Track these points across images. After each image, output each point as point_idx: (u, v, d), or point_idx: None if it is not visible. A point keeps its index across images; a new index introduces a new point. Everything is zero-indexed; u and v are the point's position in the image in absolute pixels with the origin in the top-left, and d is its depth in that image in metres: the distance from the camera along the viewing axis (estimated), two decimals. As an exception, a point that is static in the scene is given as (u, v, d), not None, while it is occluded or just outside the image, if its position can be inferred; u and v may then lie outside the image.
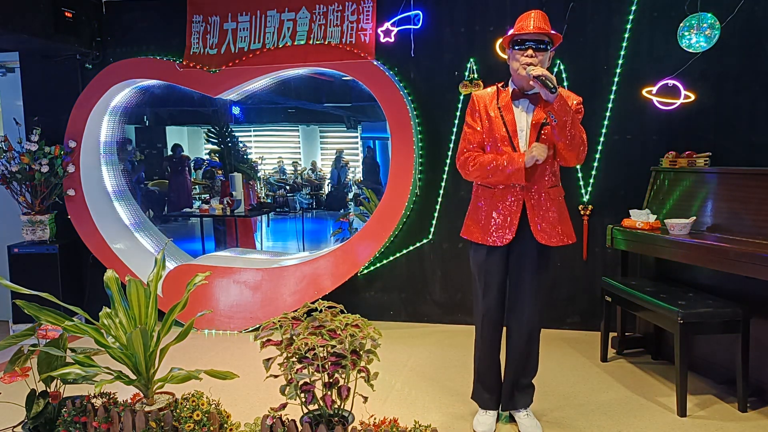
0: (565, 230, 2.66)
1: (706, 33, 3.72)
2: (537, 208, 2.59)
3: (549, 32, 2.48)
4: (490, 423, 2.78)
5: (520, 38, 2.49)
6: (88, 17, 4.72)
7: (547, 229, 2.60)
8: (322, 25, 4.43)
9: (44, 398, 2.36)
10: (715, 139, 3.86)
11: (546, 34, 2.49)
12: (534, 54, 2.46)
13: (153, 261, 2.66)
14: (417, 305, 4.57)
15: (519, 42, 2.49)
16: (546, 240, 2.60)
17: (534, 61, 2.45)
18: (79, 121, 4.71)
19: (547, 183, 2.61)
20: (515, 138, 2.57)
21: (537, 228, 2.59)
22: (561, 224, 2.64)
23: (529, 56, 2.46)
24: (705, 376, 3.35)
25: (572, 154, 2.51)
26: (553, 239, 2.61)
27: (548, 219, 2.60)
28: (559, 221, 2.63)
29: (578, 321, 4.28)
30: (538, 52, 2.46)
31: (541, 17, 2.50)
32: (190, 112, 6.13)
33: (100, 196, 4.95)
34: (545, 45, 2.48)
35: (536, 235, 2.59)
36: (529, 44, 2.46)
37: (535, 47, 2.46)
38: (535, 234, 2.59)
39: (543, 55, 2.48)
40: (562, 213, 2.67)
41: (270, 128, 6.98)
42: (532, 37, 2.47)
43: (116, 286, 2.52)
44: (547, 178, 2.61)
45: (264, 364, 2.16)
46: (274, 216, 6.93)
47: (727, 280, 3.14)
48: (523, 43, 2.48)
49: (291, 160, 7.09)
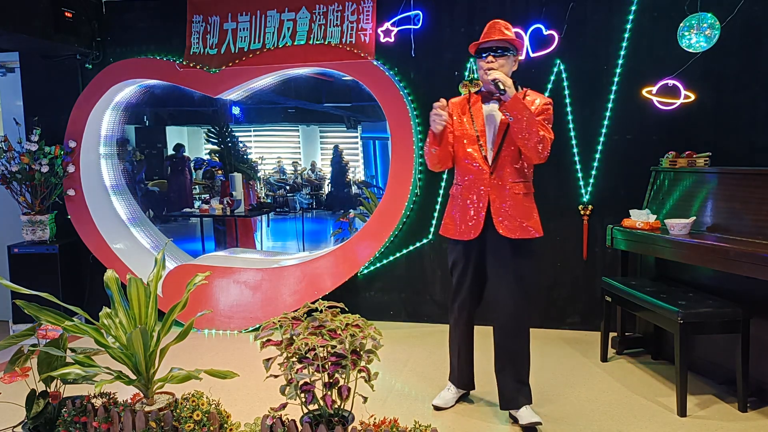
0: (530, 224, 2.76)
1: (706, 33, 3.72)
2: (499, 201, 2.74)
3: (506, 39, 2.72)
4: (448, 398, 3.05)
5: (480, 47, 2.77)
6: (88, 17, 4.72)
7: (507, 222, 2.72)
8: (322, 25, 4.43)
9: (44, 398, 2.36)
10: (715, 139, 3.86)
11: (504, 41, 2.72)
12: (493, 60, 2.71)
13: (153, 261, 2.66)
14: (417, 305, 4.57)
15: (478, 51, 2.78)
16: (508, 232, 2.72)
17: (494, 66, 2.70)
18: (79, 121, 4.71)
19: (510, 178, 2.74)
20: (483, 137, 2.78)
21: (498, 220, 2.73)
22: (524, 218, 2.74)
23: (488, 62, 2.71)
24: (705, 376, 3.35)
25: (530, 151, 2.64)
26: (516, 232, 2.72)
27: (508, 212, 2.73)
28: (522, 215, 2.73)
29: (578, 321, 4.28)
30: (498, 58, 2.71)
31: (498, 27, 2.75)
32: (190, 112, 6.14)
33: (100, 196, 4.95)
34: (503, 51, 2.72)
35: (498, 228, 2.72)
36: (488, 52, 2.72)
37: (493, 54, 2.71)
38: (497, 226, 2.72)
39: (503, 60, 2.72)
40: (526, 207, 2.76)
41: (270, 128, 6.98)
42: (490, 45, 2.73)
43: (116, 285, 2.51)
44: (509, 173, 2.74)
45: (264, 364, 2.16)
46: (274, 216, 6.94)
47: (727, 280, 3.14)
48: (481, 52, 2.75)
49: (291, 160, 7.10)
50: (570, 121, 4.14)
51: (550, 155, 2.71)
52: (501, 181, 2.73)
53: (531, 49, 4.13)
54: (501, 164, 2.74)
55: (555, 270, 4.28)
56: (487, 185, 2.74)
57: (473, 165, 2.77)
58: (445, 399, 3.05)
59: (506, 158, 2.73)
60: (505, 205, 2.72)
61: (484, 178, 2.75)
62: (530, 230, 2.75)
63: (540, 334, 4.23)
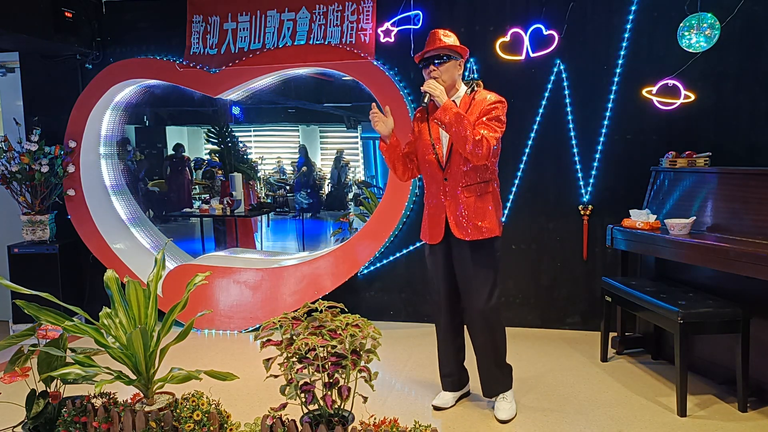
0: (486, 224, 2.79)
1: (706, 33, 3.72)
2: (452, 205, 2.81)
3: (446, 46, 2.73)
4: (447, 398, 3.06)
5: (421, 58, 2.81)
6: (88, 17, 4.73)
7: (461, 224, 2.78)
8: (322, 25, 4.43)
9: (44, 398, 2.36)
10: (715, 139, 3.86)
11: (443, 48, 2.74)
12: (435, 68, 2.74)
13: (153, 261, 2.66)
14: (417, 305, 4.57)
15: (421, 62, 2.82)
16: (461, 234, 2.79)
17: (436, 74, 2.74)
18: (79, 121, 4.71)
19: (462, 182, 2.79)
20: (438, 144, 2.84)
21: (453, 224, 2.80)
22: (478, 219, 2.79)
23: (429, 72, 2.76)
24: (705, 376, 3.35)
25: (468, 154, 2.68)
26: (469, 234, 2.78)
27: (463, 215, 2.78)
28: (475, 216, 2.78)
29: (578, 321, 4.28)
30: (440, 65, 2.74)
31: (437, 36, 2.76)
32: (190, 112, 6.13)
33: (99, 196, 4.95)
34: (445, 58, 2.74)
35: (453, 231, 2.80)
36: (430, 62, 2.75)
37: (434, 63, 2.74)
38: (453, 230, 2.80)
39: (445, 67, 2.75)
40: (479, 208, 2.79)
41: (270, 128, 6.98)
42: (430, 54, 2.76)
43: (116, 286, 2.51)
44: (461, 177, 2.79)
45: (264, 364, 2.16)
46: (274, 216, 6.94)
47: (727, 280, 3.14)
48: (424, 62, 2.79)
49: (291, 160, 7.09)
50: (570, 121, 4.14)
51: (551, 155, 2.71)
52: (454, 185, 2.80)
53: (531, 49, 4.13)
54: (452, 170, 2.80)
55: (555, 270, 4.28)
56: (443, 191, 2.83)
57: (431, 172, 2.88)
58: (444, 399, 3.06)
59: (456, 164, 2.78)
60: (460, 208, 2.79)
61: (440, 183, 2.84)
62: (484, 231, 2.78)
63: (540, 334, 4.23)
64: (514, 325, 4.34)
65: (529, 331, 4.29)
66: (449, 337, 3.04)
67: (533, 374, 3.48)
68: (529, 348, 3.94)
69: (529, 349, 3.91)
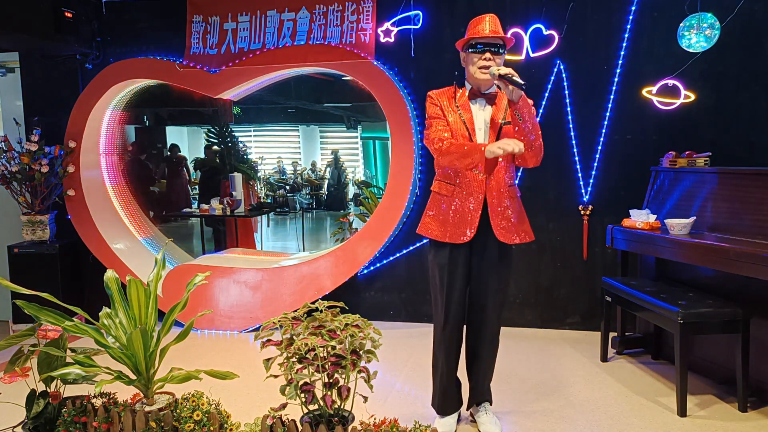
0: (525, 228, 2.71)
1: (706, 33, 3.72)
2: (498, 205, 2.60)
3: (503, 36, 2.55)
4: (451, 423, 2.81)
5: (476, 42, 2.55)
6: (88, 17, 4.72)
7: (508, 227, 2.61)
8: (322, 25, 4.43)
9: (44, 398, 2.35)
10: (715, 139, 3.86)
11: (501, 38, 2.55)
12: (491, 57, 2.52)
13: (153, 261, 2.66)
14: (417, 305, 4.57)
15: (474, 45, 2.55)
16: (507, 238, 2.61)
17: (491, 64, 2.51)
18: (79, 121, 4.71)
19: (507, 181, 2.64)
20: (474, 136, 2.60)
21: (498, 226, 2.60)
22: (521, 222, 2.68)
23: (486, 59, 2.52)
24: (705, 376, 3.35)
25: (534, 152, 2.54)
26: (515, 237, 2.63)
27: (508, 217, 2.62)
28: (519, 219, 2.67)
29: (578, 321, 4.28)
30: (495, 56, 2.53)
31: (495, 21, 2.57)
32: (190, 112, 6.14)
33: (100, 196, 4.94)
34: (498, 48, 2.54)
35: (497, 233, 2.59)
36: (486, 48, 2.53)
37: (491, 51, 2.52)
38: (496, 232, 2.59)
39: (499, 59, 2.55)
40: (521, 212, 2.72)
41: (270, 128, 6.99)
42: (488, 41, 2.53)
43: (116, 286, 2.51)
44: (507, 177, 2.64)
45: (264, 364, 2.16)
46: (274, 216, 6.94)
47: (727, 280, 3.14)
48: (477, 46, 2.54)
49: (291, 160, 7.09)
50: (570, 121, 4.14)
51: (551, 155, 2.70)
52: (497, 182, 2.59)
53: (531, 49, 4.13)
54: (499, 164, 2.59)
55: (555, 270, 4.28)
56: (483, 187, 2.58)
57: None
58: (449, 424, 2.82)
59: (502, 159, 2.58)
60: (504, 208, 2.60)
61: (478, 179, 2.58)
62: (525, 236, 2.67)
63: (540, 334, 4.23)
64: (514, 325, 4.35)
65: (529, 331, 4.29)
66: (456, 353, 2.76)
67: (533, 374, 3.48)
68: (529, 348, 3.94)
69: (529, 349, 3.91)
